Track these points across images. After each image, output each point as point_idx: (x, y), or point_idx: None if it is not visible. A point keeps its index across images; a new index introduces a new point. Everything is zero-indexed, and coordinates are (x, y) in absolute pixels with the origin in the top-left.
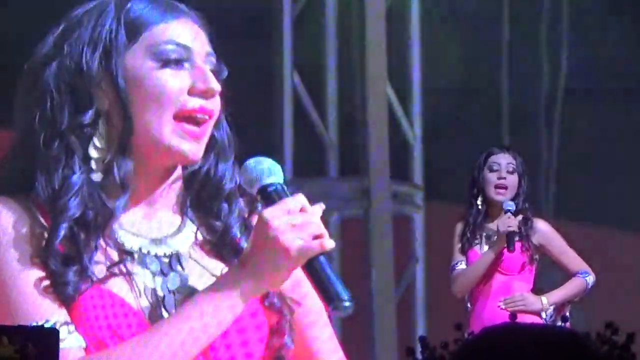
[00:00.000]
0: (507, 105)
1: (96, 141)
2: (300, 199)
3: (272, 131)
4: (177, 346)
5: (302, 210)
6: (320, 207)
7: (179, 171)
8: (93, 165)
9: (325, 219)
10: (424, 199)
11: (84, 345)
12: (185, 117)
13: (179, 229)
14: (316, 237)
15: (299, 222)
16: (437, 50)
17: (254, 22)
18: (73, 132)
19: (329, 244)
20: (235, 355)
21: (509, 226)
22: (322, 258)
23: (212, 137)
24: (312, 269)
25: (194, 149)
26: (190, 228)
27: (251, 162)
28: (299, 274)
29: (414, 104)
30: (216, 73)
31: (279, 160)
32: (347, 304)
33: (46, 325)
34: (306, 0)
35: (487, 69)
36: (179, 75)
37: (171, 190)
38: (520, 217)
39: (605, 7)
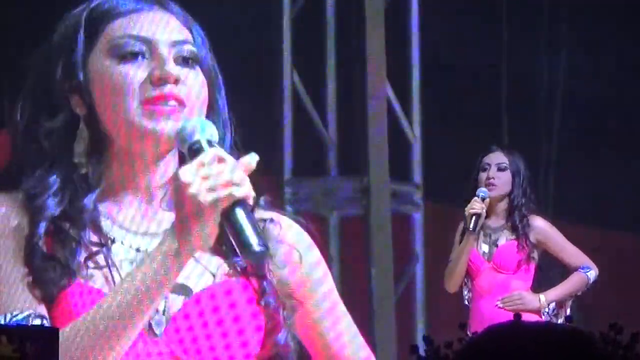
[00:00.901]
0: (507, 105)
1: (73, 143)
2: (215, 151)
3: (272, 130)
4: (114, 323)
5: (220, 162)
6: (250, 157)
7: (172, 168)
8: (74, 165)
9: (324, 217)
10: (424, 198)
11: None
12: (149, 101)
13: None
14: (228, 186)
15: (211, 174)
16: (437, 49)
17: (254, 20)
18: (47, 137)
19: (242, 191)
20: (232, 343)
21: (472, 208)
22: (237, 207)
23: None
24: (227, 219)
25: (169, 127)
26: None
27: (184, 122)
28: (304, 272)
29: (414, 103)
30: (195, 61)
31: (279, 158)
32: (256, 248)
33: (20, 316)
34: None
35: (487, 69)
36: (137, 67)
37: (166, 187)
38: (487, 201)
39: (605, 7)
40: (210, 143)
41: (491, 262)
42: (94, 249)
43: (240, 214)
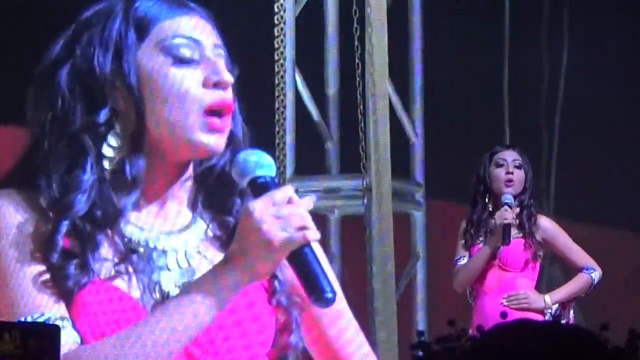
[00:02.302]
0: (508, 104)
1: (110, 140)
2: (287, 190)
3: (273, 128)
4: (161, 344)
5: (289, 202)
6: (310, 200)
7: (191, 168)
8: (106, 163)
9: (325, 216)
10: (425, 196)
11: (78, 340)
12: (207, 111)
13: (189, 225)
14: (301, 229)
15: (284, 214)
16: (438, 48)
17: (256, 18)
18: (87, 132)
19: (313, 235)
20: (237, 349)
21: (505, 218)
22: (306, 249)
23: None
24: (295, 260)
25: (219, 142)
26: (201, 224)
27: (242, 154)
28: None
29: (415, 102)
30: (226, 66)
31: (281, 157)
32: (328, 295)
33: (40, 319)
34: None
35: (488, 68)
36: (193, 71)
37: (183, 186)
38: (517, 210)
39: (606, 7)
40: (274, 180)
41: (497, 260)
42: (117, 249)
43: (310, 256)
